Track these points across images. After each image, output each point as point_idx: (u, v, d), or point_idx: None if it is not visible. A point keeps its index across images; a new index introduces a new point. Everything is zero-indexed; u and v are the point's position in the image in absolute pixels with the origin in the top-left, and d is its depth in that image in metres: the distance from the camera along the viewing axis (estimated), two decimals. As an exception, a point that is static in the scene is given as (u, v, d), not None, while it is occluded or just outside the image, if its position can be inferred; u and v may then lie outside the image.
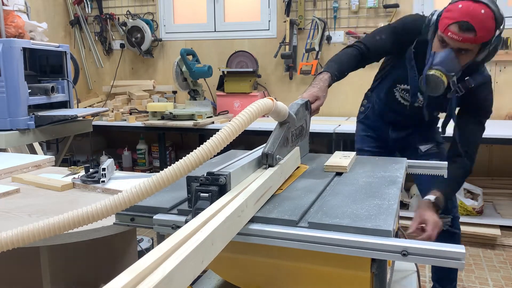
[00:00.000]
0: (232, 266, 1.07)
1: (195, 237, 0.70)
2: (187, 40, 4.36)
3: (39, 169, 1.95)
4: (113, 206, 0.84)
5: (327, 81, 1.60)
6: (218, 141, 0.90)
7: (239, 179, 1.01)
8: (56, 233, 0.84)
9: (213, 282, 1.35)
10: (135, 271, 0.59)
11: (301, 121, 1.34)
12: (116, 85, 4.46)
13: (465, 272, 2.65)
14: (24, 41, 2.75)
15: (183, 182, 0.98)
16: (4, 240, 0.83)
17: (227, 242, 0.81)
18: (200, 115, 3.56)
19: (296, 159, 1.30)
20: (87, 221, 0.85)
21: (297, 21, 3.89)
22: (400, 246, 0.83)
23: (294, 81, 4.04)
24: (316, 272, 0.97)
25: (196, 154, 0.87)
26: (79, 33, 4.64)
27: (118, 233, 1.32)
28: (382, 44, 1.81)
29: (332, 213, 0.95)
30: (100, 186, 1.59)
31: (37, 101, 2.79)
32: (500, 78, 3.51)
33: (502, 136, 2.84)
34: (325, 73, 1.63)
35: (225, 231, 0.79)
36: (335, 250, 0.87)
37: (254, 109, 0.97)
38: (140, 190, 0.84)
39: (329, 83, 1.61)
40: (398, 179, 1.23)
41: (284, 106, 1.16)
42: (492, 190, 3.43)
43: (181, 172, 0.85)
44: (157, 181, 0.84)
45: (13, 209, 1.41)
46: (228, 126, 0.92)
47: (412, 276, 1.43)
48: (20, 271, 1.66)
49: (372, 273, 0.92)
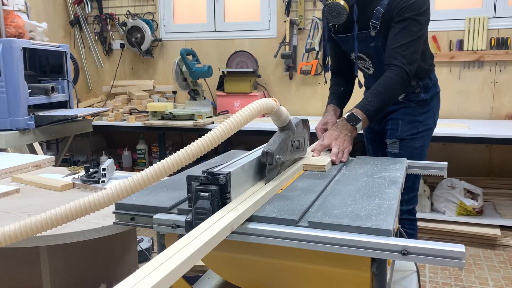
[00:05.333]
0: (232, 266, 1.07)
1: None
2: (187, 40, 4.36)
3: (39, 169, 1.95)
4: (96, 203, 0.84)
5: (332, 111, 1.89)
6: (220, 133, 0.89)
7: (239, 180, 1.01)
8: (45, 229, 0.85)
9: (213, 282, 1.35)
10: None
11: (300, 136, 1.33)
12: (116, 85, 4.46)
13: (465, 272, 2.65)
14: (24, 41, 2.75)
15: (183, 181, 0.98)
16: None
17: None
18: (200, 115, 3.56)
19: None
20: (85, 212, 0.85)
21: (297, 21, 3.89)
22: (400, 245, 0.83)
23: (294, 81, 4.04)
24: (316, 271, 0.97)
25: (198, 144, 0.88)
26: (79, 33, 4.65)
27: (118, 233, 1.32)
28: (333, 45, 2.02)
29: (332, 212, 0.96)
30: (100, 186, 1.59)
31: (37, 101, 2.79)
32: (500, 78, 3.51)
33: (502, 136, 2.83)
34: (329, 105, 1.91)
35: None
36: (335, 250, 0.87)
37: (256, 106, 0.97)
38: (141, 177, 0.85)
39: (337, 114, 1.91)
40: (398, 179, 1.23)
41: (286, 111, 1.16)
42: (492, 190, 3.43)
43: (185, 159, 0.86)
44: (155, 172, 0.85)
45: (13, 209, 1.41)
46: (230, 120, 0.92)
47: (412, 276, 1.43)
48: (20, 271, 1.66)
49: (372, 272, 0.92)
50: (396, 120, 1.95)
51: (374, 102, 1.67)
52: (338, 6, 1.73)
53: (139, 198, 1.08)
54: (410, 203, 1.99)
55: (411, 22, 1.70)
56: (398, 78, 1.69)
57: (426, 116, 1.96)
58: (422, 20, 1.72)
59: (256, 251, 0.99)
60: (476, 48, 3.49)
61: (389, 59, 1.73)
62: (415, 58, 1.74)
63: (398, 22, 1.72)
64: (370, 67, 1.96)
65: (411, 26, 1.71)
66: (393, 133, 1.95)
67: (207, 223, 0.84)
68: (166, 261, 0.67)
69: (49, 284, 1.50)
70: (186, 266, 0.68)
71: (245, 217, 0.92)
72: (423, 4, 1.72)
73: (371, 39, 1.83)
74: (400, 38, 1.71)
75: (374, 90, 1.71)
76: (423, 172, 1.57)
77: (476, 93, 3.58)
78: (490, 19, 3.47)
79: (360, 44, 1.87)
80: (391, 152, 1.95)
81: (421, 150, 1.95)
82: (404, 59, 1.70)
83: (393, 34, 1.73)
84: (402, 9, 1.70)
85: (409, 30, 1.71)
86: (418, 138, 1.94)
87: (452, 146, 3.63)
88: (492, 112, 3.57)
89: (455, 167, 3.49)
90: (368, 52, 1.90)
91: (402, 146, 1.93)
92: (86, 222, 1.23)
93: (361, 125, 1.64)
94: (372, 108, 1.66)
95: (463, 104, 3.62)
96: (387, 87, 1.70)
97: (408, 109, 1.94)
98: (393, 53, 1.72)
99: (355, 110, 1.67)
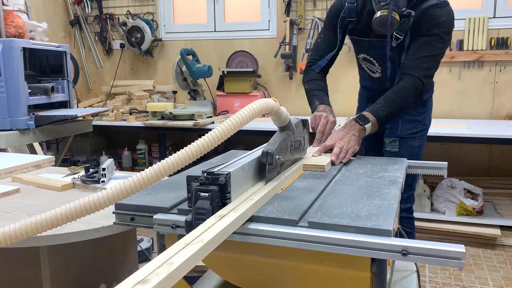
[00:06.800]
0: (232, 266, 1.07)
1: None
2: (187, 40, 4.36)
3: (39, 169, 1.95)
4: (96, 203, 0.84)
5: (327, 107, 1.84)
6: (220, 133, 0.89)
7: (239, 180, 1.01)
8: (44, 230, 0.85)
9: (213, 282, 1.35)
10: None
11: (300, 136, 1.33)
12: (116, 85, 4.46)
13: (465, 272, 2.65)
14: (24, 41, 2.75)
15: (183, 181, 0.98)
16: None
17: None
18: (200, 115, 3.56)
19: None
20: (85, 212, 0.85)
21: (297, 21, 3.89)
22: (400, 245, 0.83)
23: (294, 81, 4.04)
24: (316, 272, 0.97)
25: (198, 144, 0.88)
26: (79, 33, 4.65)
27: (118, 233, 1.32)
28: (326, 40, 1.98)
29: (332, 212, 0.96)
30: (100, 186, 1.59)
31: (37, 101, 2.79)
32: (500, 78, 3.51)
33: (502, 136, 2.83)
34: (320, 106, 1.83)
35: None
36: (335, 250, 0.87)
37: (256, 106, 0.97)
38: (141, 178, 0.85)
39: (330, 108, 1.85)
40: (398, 179, 1.23)
41: (286, 111, 1.16)
42: (492, 190, 3.43)
43: (185, 159, 0.86)
44: (155, 172, 0.85)
45: (13, 209, 1.41)
46: (230, 120, 0.92)
47: (412, 276, 1.43)
48: (20, 271, 1.66)
49: (372, 272, 0.92)
50: (396, 119, 1.95)
51: (385, 108, 1.68)
52: (395, 20, 1.71)
53: (139, 198, 1.08)
54: (408, 202, 2.01)
55: (436, 39, 1.72)
56: (413, 88, 1.71)
57: (424, 116, 1.98)
58: (446, 38, 1.75)
59: (256, 251, 0.99)
60: (476, 48, 3.50)
61: (407, 68, 1.74)
62: (432, 73, 1.77)
63: (424, 36, 1.73)
64: (377, 71, 1.95)
65: (436, 42, 1.72)
66: (393, 131, 1.95)
67: (209, 222, 0.84)
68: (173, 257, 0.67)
69: (49, 284, 1.50)
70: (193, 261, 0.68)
71: (246, 217, 0.92)
72: (451, 24, 1.75)
73: (389, 48, 1.82)
74: (422, 51, 1.73)
75: (387, 97, 1.71)
76: (423, 172, 1.57)
77: (476, 93, 3.59)
78: (490, 19, 3.47)
79: (375, 50, 1.87)
80: (390, 150, 1.96)
81: (419, 149, 1.97)
82: (422, 71, 1.72)
83: (417, 46, 1.74)
84: (433, 25, 1.71)
85: (433, 45, 1.73)
86: (417, 137, 1.96)
87: (452, 146, 3.63)
88: (492, 112, 3.57)
89: (455, 167, 3.49)
90: (380, 58, 1.89)
91: (401, 145, 1.94)
92: (86, 222, 1.23)
93: (370, 127, 1.63)
94: (383, 113, 1.67)
95: (463, 104, 3.62)
96: (401, 95, 1.71)
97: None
98: (413, 64, 1.73)
99: (365, 112, 1.67)
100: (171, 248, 0.71)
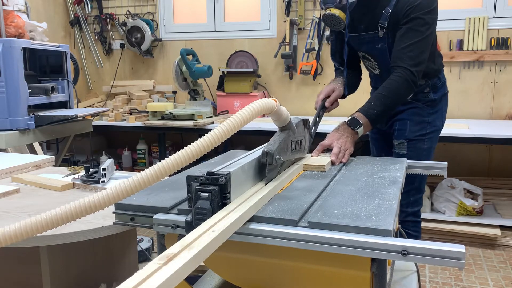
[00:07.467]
0: (232, 266, 1.07)
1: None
2: (187, 40, 4.36)
3: (39, 169, 1.95)
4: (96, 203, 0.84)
5: (341, 79, 1.94)
6: (220, 133, 0.89)
7: (239, 180, 1.01)
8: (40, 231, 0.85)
9: (213, 282, 1.35)
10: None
11: (300, 136, 1.33)
12: (116, 85, 4.46)
13: (465, 272, 2.65)
14: (24, 41, 2.75)
15: (183, 181, 0.98)
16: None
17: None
18: (200, 115, 3.56)
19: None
20: (85, 213, 0.85)
21: (297, 21, 3.89)
22: (400, 245, 0.83)
23: (294, 81, 4.04)
24: (316, 272, 0.97)
25: (198, 144, 0.88)
26: (79, 33, 4.64)
27: (118, 233, 1.32)
28: (332, 43, 2.06)
29: (332, 212, 0.96)
30: (100, 186, 1.59)
31: (37, 101, 2.79)
32: (500, 78, 3.51)
33: (502, 136, 2.83)
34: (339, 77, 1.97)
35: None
36: (335, 250, 0.87)
37: (256, 106, 0.97)
38: (141, 178, 0.85)
39: (344, 83, 1.94)
40: (398, 179, 1.23)
41: (287, 111, 1.16)
42: (492, 190, 3.43)
43: (185, 159, 0.86)
44: (155, 172, 0.85)
45: (13, 209, 1.41)
46: (230, 120, 0.92)
47: (412, 276, 1.43)
48: (20, 271, 1.66)
49: (372, 272, 0.92)
50: (404, 121, 1.90)
51: (376, 106, 1.66)
52: (334, 16, 1.76)
53: (139, 198, 1.08)
54: (416, 205, 1.95)
55: (418, 22, 1.67)
56: (403, 81, 1.67)
57: (434, 117, 1.91)
58: (429, 19, 1.69)
59: (256, 251, 0.99)
60: (476, 48, 3.49)
61: (395, 60, 1.71)
62: (422, 59, 1.70)
63: (405, 23, 1.70)
64: (376, 68, 1.94)
65: (418, 26, 1.68)
66: (401, 133, 1.90)
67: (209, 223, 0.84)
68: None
69: (49, 284, 1.50)
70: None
71: (246, 218, 0.92)
72: (430, 3, 1.69)
73: (378, 40, 1.81)
74: (406, 39, 1.68)
75: (378, 94, 1.69)
76: (423, 172, 1.57)
77: (476, 93, 3.58)
78: (490, 19, 3.47)
79: (366, 44, 1.86)
80: (398, 153, 1.90)
81: (428, 152, 1.91)
82: (410, 61, 1.67)
83: (400, 35, 1.71)
84: (409, 9, 1.67)
85: (416, 30, 1.68)
86: (426, 139, 1.90)
87: (452, 146, 3.63)
88: (492, 112, 3.57)
89: (455, 167, 3.49)
90: (373, 53, 1.88)
91: (410, 147, 1.89)
92: (86, 222, 1.23)
93: (363, 129, 1.62)
94: (374, 112, 1.64)
95: (463, 104, 3.62)
96: (391, 90, 1.68)
97: (416, 109, 1.90)
98: (399, 55, 1.69)
99: (357, 114, 1.65)
100: (169, 250, 0.71)
